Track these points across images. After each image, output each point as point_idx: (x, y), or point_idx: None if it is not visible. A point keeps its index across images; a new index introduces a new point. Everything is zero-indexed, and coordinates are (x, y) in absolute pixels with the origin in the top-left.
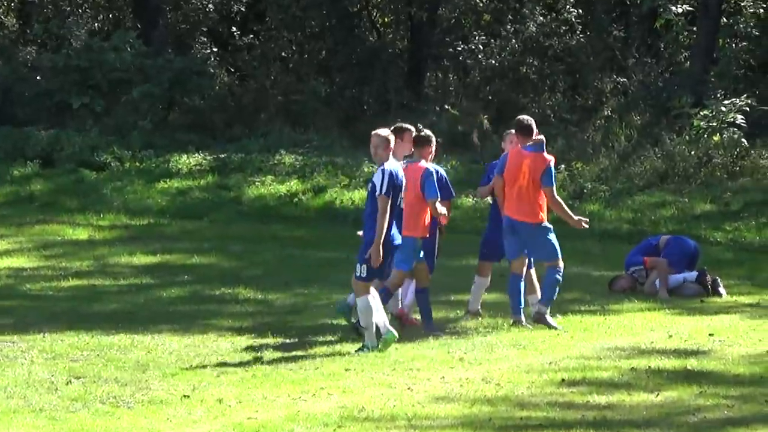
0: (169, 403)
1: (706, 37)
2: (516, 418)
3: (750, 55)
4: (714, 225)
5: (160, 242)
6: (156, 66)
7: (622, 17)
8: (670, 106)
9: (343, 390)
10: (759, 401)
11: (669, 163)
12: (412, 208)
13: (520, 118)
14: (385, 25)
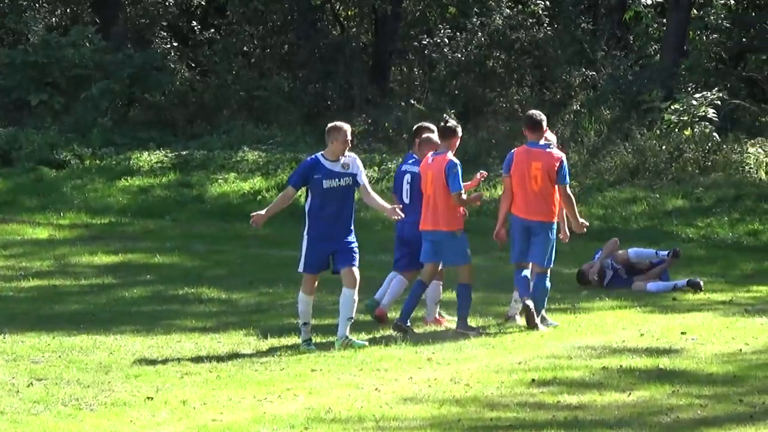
0: (132, 405)
1: (677, 30)
2: (485, 419)
3: (721, 47)
4: (686, 221)
5: (121, 241)
6: (115, 61)
7: (591, 9)
8: (641, 100)
9: (309, 391)
10: (733, 400)
11: (640, 158)
12: (441, 200)
13: (532, 113)
14: (348, 19)
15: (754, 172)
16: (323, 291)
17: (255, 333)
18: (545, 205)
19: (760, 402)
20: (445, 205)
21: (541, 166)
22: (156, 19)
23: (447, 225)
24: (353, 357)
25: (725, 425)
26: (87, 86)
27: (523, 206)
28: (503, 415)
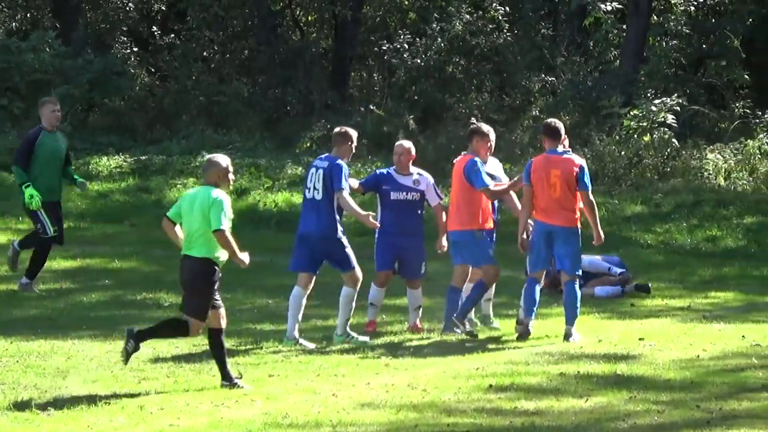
0: (89, 410)
1: (636, 36)
2: (443, 424)
3: (680, 53)
4: (644, 227)
5: (80, 246)
6: (75, 67)
7: (550, 15)
8: (600, 106)
9: (266, 396)
10: (690, 406)
11: (599, 163)
12: (462, 200)
13: (549, 121)
14: (308, 24)
15: (713, 178)
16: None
17: None
18: (566, 212)
19: (717, 408)
20: (464, 204)
21: (560, 173)
22: (116, 24)
23: (465, 225)
24: (311, 362)
25: (682, 431)
26: (47, 91)
27: (545, 212)
28: (460, 420)
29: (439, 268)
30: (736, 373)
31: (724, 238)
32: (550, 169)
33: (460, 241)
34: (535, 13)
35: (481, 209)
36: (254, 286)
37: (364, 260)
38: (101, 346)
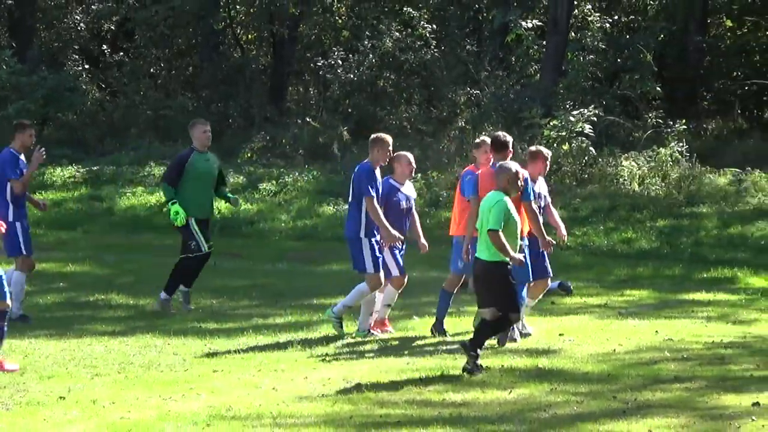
0: (45, 405)
1: (555, 51)
2: (375, 415)
3: (597, 67)
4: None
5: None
6: (30, 83)
7: (475, 32)
8: (522, 117)
9: (211, 390)
10: (607, 397)
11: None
12: (457, 208)
13: (497, 135)
14: (248, 42)
15: (628, 184)
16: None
17: (160, 336)
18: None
19: (632, 398)
20: (458, 212)
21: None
22: (68, 43)
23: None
24: (252, 358)
25: (599, 420)
26: (3, 106)
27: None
28: (392, 412)
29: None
30: (650, 365)
31: (638, 240)
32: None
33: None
34: (461, 30)
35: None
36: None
37: None
38: (56, 344)
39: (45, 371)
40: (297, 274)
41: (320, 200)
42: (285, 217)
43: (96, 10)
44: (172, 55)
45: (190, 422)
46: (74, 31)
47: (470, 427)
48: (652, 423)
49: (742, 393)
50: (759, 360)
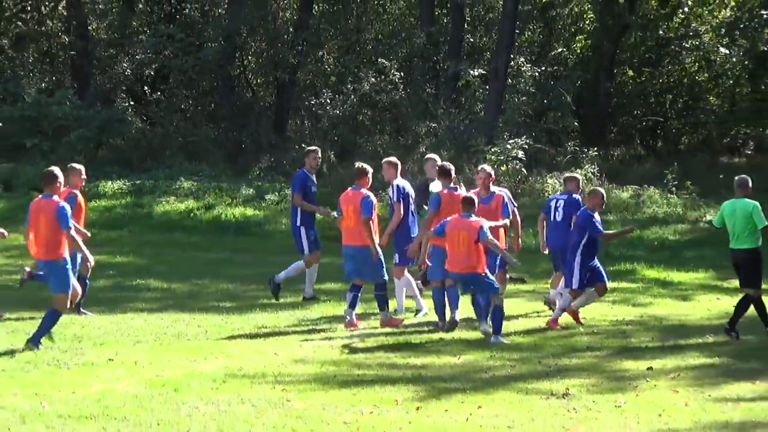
0: (97, 365)
1: (496, 94)
2: (354, 375)
3: (528, 107)
4: None
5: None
6: (88, 116)
7: (434, 79)
8: (470, 145)
9: (226, 355)
10: (534, 362)
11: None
12: None
13: (443, 164)
14: (257, 85)
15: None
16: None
17: (188, 312)
18: None
19: (554, 363)
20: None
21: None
22: (117, 85)
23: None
24: (259, 330)
25: (528, 380)
26: (67, 134)
27: None
28: (367, 372)
29: None
30: (568, 338)
31: None
32: (454, 203)
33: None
34: (422, 77)
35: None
36: (218, 275)
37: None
38: (106, 318)
39: (98, 339)
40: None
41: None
42: (285, 220)
43: (139, 59)
44: (198, 95)
45: (209, 379)
46: (122, 75)
47: (428, 385)
48: (569, 382)
49: (639, 360)
50: (653, 334)
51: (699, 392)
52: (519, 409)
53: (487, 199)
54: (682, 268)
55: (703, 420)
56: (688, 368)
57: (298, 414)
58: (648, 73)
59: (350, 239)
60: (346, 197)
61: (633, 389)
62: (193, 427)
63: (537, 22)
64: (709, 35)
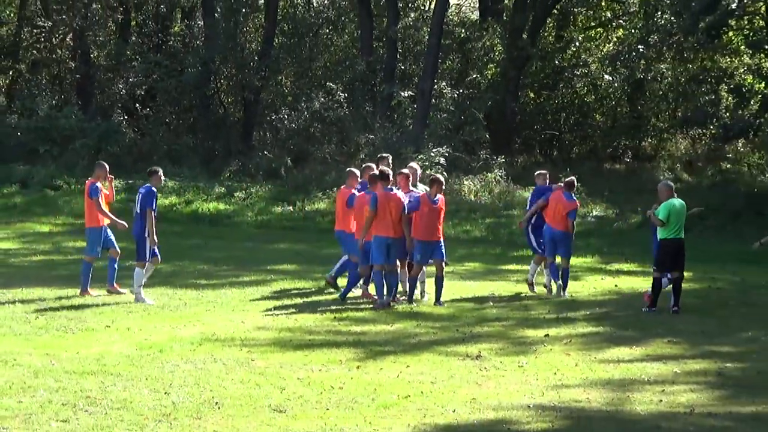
0: (97, 331)
1: (422, 111)
2: (306, 339)
3: (448, 122)
4: None
5: None
6: (90, 128)
7: (372, 98)
8: (401, 153)
9: (202, 323)
10: (452, 330)
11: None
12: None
13: (383, 168)
14: (228, 104)
15: (467, 196)
16: (211, 264)
17: (171, 288)
18: (399, 226)
19: (468, 331)
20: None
21: (395, 203)
22: (114, 102)
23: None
24: (229, 303)
25: (447, 344)
26: (73, 142)
27: (390, 227)
28: (317, 337)
29: None
30: (480, 310)
31: (473, 231)
32: (389, 201)
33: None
34: (363, 97)
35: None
36: (195, 257)
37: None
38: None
39: (98, 309)
40: (257, 249)
41: (273, 204)
42: (250, 213)
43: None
44: (180, 111)
45: (188, 343)
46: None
47: (366, 348)
48: (481, 347)
49: (538, 328)
50: (549, 307)
51: (587, 355)
52: (440, 368)
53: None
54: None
55: (590, 377)
56: (578, 335)
57: (261, 371)
58: (546, 95)
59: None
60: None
61: (533, 352)
62: (175, 381)
63: (456, 53)
64: (596, 65)
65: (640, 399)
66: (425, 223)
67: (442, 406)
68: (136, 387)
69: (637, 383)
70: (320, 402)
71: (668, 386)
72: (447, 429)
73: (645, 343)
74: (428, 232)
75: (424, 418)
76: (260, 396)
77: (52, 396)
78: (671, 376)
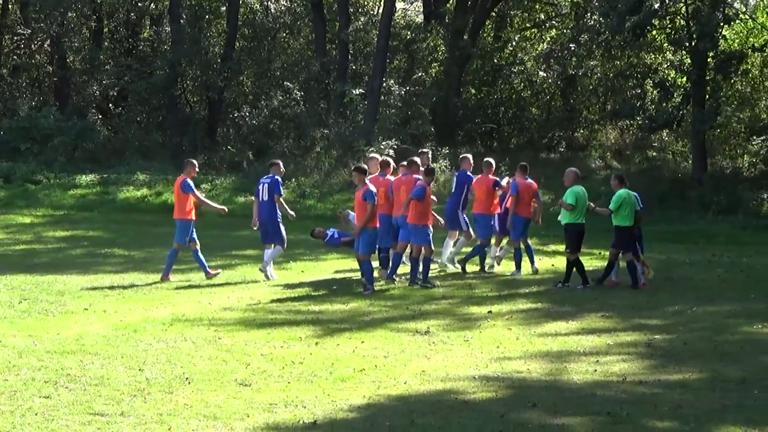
0: (76, 313)
1: (372, 107)
2: (269, 319)
3: (396, 117)
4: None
5: (70, 224)
6: (67, 126)
7: (326, 96)
8: (353, 146)
9: (173, 304)
10: (403, 308)
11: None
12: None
13: (384, 158)
14: (194, 102)
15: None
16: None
17: (144, 273)
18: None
19: (418, 309)
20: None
21: (384, 190)
22: (89, 103)
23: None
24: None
25: (399, 321)
26: (51, 140)
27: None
28: (278, 317)
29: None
30: (428, 290)
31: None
32: (379, 186)
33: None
34: (317, 95)
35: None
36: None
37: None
38: (83, 278)
39: (76, 294)
40: (222, 236)
41: (236, 194)
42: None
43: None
44: (150, 110)
45: (160, 323)
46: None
47: (324, 326)
48: (429, 323)
49: (482, 306)
50: (492, 286)
51: (527, 329)
52: (392, 343)
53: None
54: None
55: (530, 350)
56: (519, 311)
57: (227, 348)
58: (486, 91)
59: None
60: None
61: (477, 327)
62: (148, 359)
63: (402, 54)
64: (531, 63)
65: (576, 369)
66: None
67: (395, 378)
68: (113, 365)
69: (573, 354)
70: (282, 376)
71: (602, 357)
72: (399, 399)
73: (580, 318)
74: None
75: (378, 389)
76: (227, 371)
77: (35, 374)
78: (605, 347)
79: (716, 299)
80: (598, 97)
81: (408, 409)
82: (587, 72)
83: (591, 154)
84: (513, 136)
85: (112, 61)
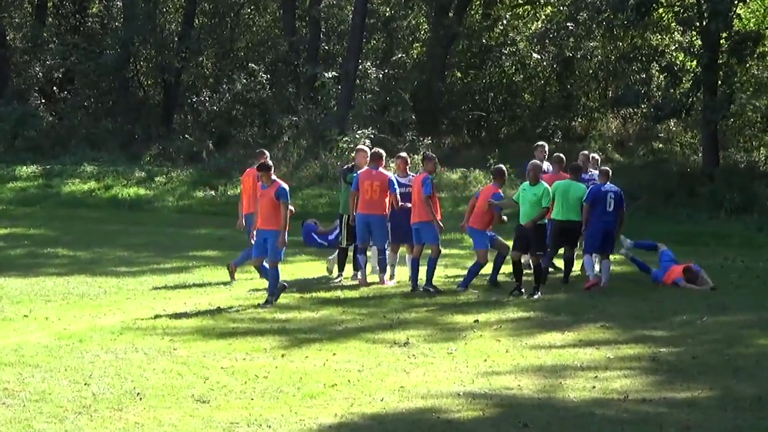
0: (14, 320)
1: (347, 92)
2: (229, 327)
3: (373, 103)
4: None
5: (9, 220)
6: (7, 112)
7: (295, 80)
8: (325, 135)
9: (123, 311)
10: (379, 316)
11: (324, 170)
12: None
13: (376, 150)
14: (148, 86)
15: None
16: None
17: (90, 276)
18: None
19: (396, 317)
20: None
21: (379, 184)
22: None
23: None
24: (149, 290)
25: (375, 331)
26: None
27: (365, 207)
28: (240, 325)
29: None
30: (407, 298)
31: None
32: (372, 180)
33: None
34: (285, 78)
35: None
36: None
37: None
38: (23, 281)
39: (15, 298)
40: (178, 235)
41: (194, 188)
42: (171, 198)
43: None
44: (99, 94)
45: (108, 332)
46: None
47: (291, 336)
48: (409, 333)
49: (467, 314)
50: (478, 292)
51: (518, 341)
52: (367, 355)
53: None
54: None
55: (522, 364)
56: (508, 321)
57: (183, 360)
58: (473, 74)
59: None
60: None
61: (462, 338)
62: (95, 372)
63: (381, 33)
64: (524, 43)
65: (572, 385)
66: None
67: (370, 395)
68: (55, 378)
69: (569, 369)
70: (244, 392)
71: (601, 372)
72: (375, 418)
73: (577, 328)
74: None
75: (352, 407)
76: (183, 386)
77: None
78: (604, 361)
79: (729, 308)
80: (599, 82)
81: (384, 429)
82: (586, 54)
83: (590, 145)
84: (503, 125)
85: (57, 39)
